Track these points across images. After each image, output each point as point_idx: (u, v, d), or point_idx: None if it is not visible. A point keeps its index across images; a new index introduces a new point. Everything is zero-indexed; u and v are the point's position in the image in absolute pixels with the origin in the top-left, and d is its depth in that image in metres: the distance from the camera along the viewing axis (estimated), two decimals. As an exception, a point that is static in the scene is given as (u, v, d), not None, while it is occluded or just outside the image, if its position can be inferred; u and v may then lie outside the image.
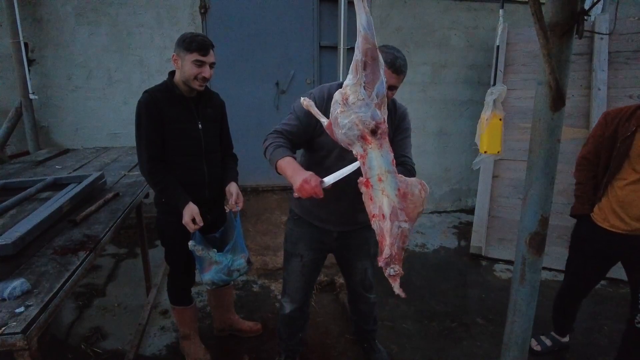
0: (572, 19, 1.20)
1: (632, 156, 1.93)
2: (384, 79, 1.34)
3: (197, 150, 1.99)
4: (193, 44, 1.83)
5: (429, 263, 3.66)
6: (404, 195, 1.32)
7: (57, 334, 2.52)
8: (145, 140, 1.88)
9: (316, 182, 1.43)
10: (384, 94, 1.35)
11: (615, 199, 2.01)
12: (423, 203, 1.36)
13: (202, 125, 1.99)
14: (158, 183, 1.92)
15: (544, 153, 1.35)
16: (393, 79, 1.62)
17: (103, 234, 1.73)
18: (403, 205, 1.32)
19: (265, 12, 4.10)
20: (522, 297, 1.50)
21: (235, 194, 2.03)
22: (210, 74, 1.91)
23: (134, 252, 3.59)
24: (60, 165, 2.98)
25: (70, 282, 1.34)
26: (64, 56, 3.79)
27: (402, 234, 1.31)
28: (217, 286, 2.09)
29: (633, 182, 1.95)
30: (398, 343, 2.54)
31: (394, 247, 1.30)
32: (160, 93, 1.91)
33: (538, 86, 1.32)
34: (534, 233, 1.42)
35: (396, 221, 1.30)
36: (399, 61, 1.61)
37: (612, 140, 2.00)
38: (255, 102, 4.30)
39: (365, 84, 1.31)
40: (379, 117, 1.33)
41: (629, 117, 1.96)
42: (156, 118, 1.87)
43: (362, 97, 1.31)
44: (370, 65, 1.29)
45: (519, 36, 3.91)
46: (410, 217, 1.33)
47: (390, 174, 1.33)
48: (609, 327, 2.68)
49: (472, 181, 4.79)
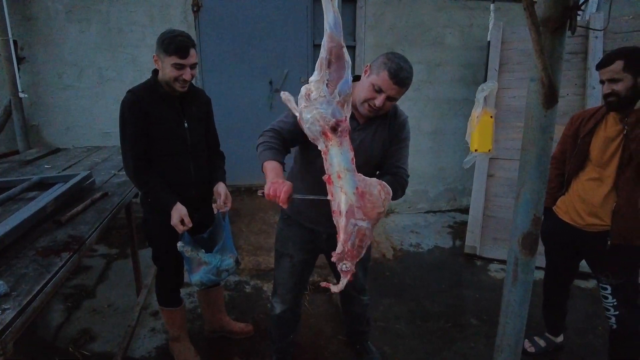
0: (564, 15, 1.18)
1: (591, 154, 2.00)
2: (349, 79, 1.32)
3: (183, 149, 1.95)
4: (171, 46, 1.75)
5: (423, 263, 3.64)
6: (362, 195, 1.34)
7: (45, 337, 2.48)
8: (130, 141, 1.84)
9: (284, 197, 1.35)
10: (348, 93, 1.33)
11: (576, 193, 2.08)
12: (383, 203, 1.37)
13: (187, 123, 1.95)
14: (145, 184, 1.88)
15: (536, 151, 1.32)
16: (393, 91, 1.53)
17: (88, 234, 1.69)
18: (360, 204, 1.34)
19: (259, 10, 4.07)
20: (514, 298, 1.47)
21: (223, 195, 2.00)
22: (190, 76, 1.83)
23: (125, 253, 3.54)
24: (50, 164, 2.94)
25: (51, 284, 1.30)
26: (55, 54, 3.74)
27: (358, 232, 1.35)
28: (206, 287, 2.06)
29: (592, 179, 2.00)
30: (391, 344, 2.51)
31: (347, 244, 1.35)
32: (144, 92, 1.86)
33: (531, 83, 1.30)
34: (526, 233, 1.39)
35: (352, 219, 1.34)
36: (404, 73, 1.51)
37: (574, 139, 2.08)
38: (248, 101, 4.27)
39: (329, 81, 1.31)
40: (340, 115, 1.33)
41: (590, 118, 2.03)
42: (141, 118, 1.82)
43: (323, 94, 1.32)
44: (335, 64, 1.30)
45: (514, 34, 3.89)
46: (369, 217, 1.36)
47: (349, 172, 1.34)
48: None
49: (467, 180, 4.77)
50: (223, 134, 2.35)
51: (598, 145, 1.97)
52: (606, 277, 2.01)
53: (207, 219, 2.10)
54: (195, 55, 1.83)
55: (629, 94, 1.80)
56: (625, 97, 1.81)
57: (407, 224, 4.47)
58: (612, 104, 1.86)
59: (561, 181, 2.19)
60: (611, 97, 1.84)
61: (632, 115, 1.82)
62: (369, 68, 1.59)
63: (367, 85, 1.57)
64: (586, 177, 2.04)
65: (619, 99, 1.82)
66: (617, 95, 1.82)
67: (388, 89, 1.52)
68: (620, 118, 1.89)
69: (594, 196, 1.99)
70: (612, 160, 1.93)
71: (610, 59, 1.82)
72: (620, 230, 1.91)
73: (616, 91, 1.81)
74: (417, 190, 4.78)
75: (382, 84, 1.52)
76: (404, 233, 4.24)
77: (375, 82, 1.54)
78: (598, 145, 1.97)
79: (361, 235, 1.36)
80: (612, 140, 1.92)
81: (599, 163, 1.97)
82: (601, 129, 1.97)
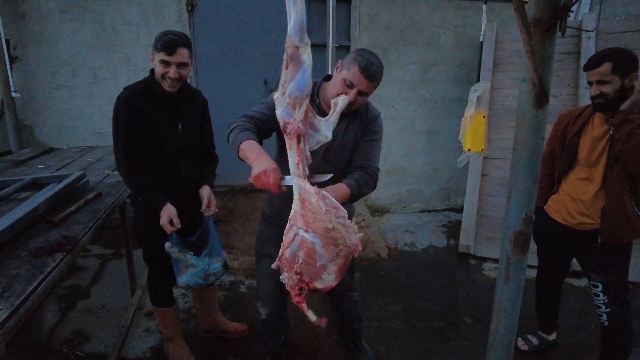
0: (555, 16, 1.19)
1: (580, 154, 2.02)
2: (303, 80, 1.29)
3: (175, 151, 1.94)
4: (159, 42, 1.76)
5: (417, 262, 3.65)
6: (303, 202, 1.29)
7: (38, 337, 2.47)
8: (123, 138, 1.83)
9: (275, 179, 1.31)
10: (300, 96, 1.30)
11: (566, 193, 2.10)
12: (328, 218, 1.24)
13: (181, 125, 1.94)
14: (135, 183, 1.88)
15: (528, 151, 1.33)
16: (364, 85, 1.55)
17: (82, 234, 1.68)
18: (302, 212, 1.29)
19: (253, 9, 4.06)
20: (506, 297, 1.48)
21: (206, 198, 1.98)
22: (176, 74, 1.80)
23: (119, 253, 3.53)
24: (43, 164, 2.92)
25: (44, 285, 1.30)
26: (48, 54, 3.72)
27: (302, 244, 1.29)
28: (192, 289, 2.05)
29: (582, 178, 2.03)
30: (385, 343, 2.52)
31: (285, 250, 1.32)
32: (140, 90, 1.86)
33: (522, 83, 1.31)
34: (518, 232, 1.40)
35: (294, 226, 1.31)
36: (374, 67, 1.54)
37: (562, 139, 2.10)
38: (243, 101, 4.25)
39: (284, 82, 1.30)
40: (288, 116, 1.31)
41: (577, 118, 2.05)
42: (135, 116, 1.82)
43: (277, 95, 1.32)
44: (290, 65, 1.28)
45: (507, 34, 3.92)
46: (313, 229, 1.27)
47: (295, 177, 1.32)
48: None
49: (461, 180, 4.79)
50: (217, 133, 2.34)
51: (586, 145, 1.99)
52: (597, 275, 2.04)
53: (197, 221, 2.08)
54: (185, 55, 1.81)
55: (617, 96, 1.82)
56: (613, 99, 1.83)
57: (402, 223, 4.49)
58: (600, 105, 1.88)
59: (551, 181, 2.21)
60: (599, 99, 1.86)
61: (617, 116, 1.84)
62: (340, 65, 1.62)
63: (338, 81, 1.59)
64: (576, 176, 2.06)
65: (607, 101, 1.84)
66: (605, 96, 1.84)
67: (359, 84, 1.54)
68: (606, 118, 1.92)
69: (584, 195, 2.01)
70: (600, 160, 1.95)
71: (598, 61, 1.83)
72: (609, 229, 1.94)
73: (604, 93, 1.83)
74: (411, 190, 4.80)
75: (353, 78, 1.54)
76: (398, 232, 4.26)
77: (346, 77, 1.56)
78: (586, 146, 1.99)
79: (306, 248, 1.29)
80: (599, 141, 1.95)
81: (587, 163, 2.00)
82: (588, 129, 2.00)
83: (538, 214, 2.21)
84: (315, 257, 1.29)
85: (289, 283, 1.34)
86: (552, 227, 2.17)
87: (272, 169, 1.32)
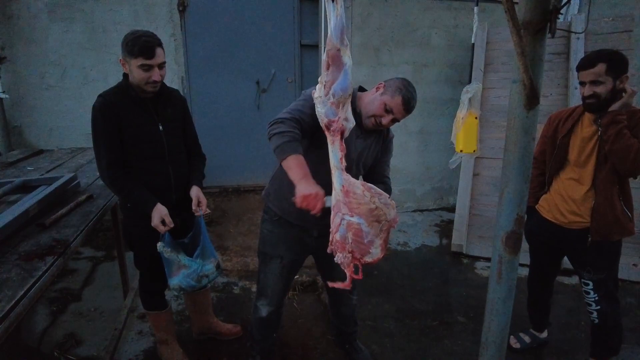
0: (545, 18, 1.20)
1: (570, 154, 2.05)
2: (345, 81, 1.38)
3: (160, 153, 1.91)
4: (135, 47, 1.69)
5: (410, 261, 3.67)
6: (347, 192, 1.44)
7: (29, 341, 2.44)
8: (103, 147, 1.79)
9: (323, 203, 1.40)
10: (343, 95, 1.39)
11: (557, 192, 2.13)
12: (372, 200, 1.43)
13: (162, 126, 1.90)
14: (122, 190, 1.84)
15: (519, 151, 1.34)
16: (401, 115, 1.68)
17: (73, 237, 1.67)
18: (346, 201, 1.44)
19: (245, 10, 4.06)
20: (499, 296, 1.49)
21: (195, 199, 1.96)
22: (160, 76, 1.78)
23: (111, 255, 3.49)
24: (33, 166, 2.89)
25: (34, 289, 1.29)
26: (37, 54, 3.68)
27: (349, 226, 1.45)
28: (185, 292, 2.03)
29: (572, 178, 2.06)
30: (379, 342, 2.53)
31: (335, 234, 1.47)
32: (115, 96, 1.81)
33: (513, 84, 1.32)
34: (510, 232, 1.41)
35: (339, 213, 1.45)
36: (413, 102, 1.68)
37: (553, 140, 2.13)
38: (235, 102, 4.25)
39: (326, 82, 1.39)
40: (333, 115, 1.42)
41: (567, 118, 2.08)
42: (113, 122, 1.78)
43: (320, 94, 1.41)
44: (332, 66, 1.37)
45: (499, 35, 3.95)
46: (357, 213, 1.44)
47: (338, 170, 1.45)
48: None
49: (453, 179, 4.82)
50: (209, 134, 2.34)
51: (576, 146, 2.02)
52: (588, 273, 2.06)
53: (189, 223, 2.05)
54: (162, 54, 1.78)
55: (608, 97, 1.84)
56: (605, 100, 1.85)
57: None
58: (592, 106, 1.90)
59: (542, 181, 2.24)
60: (591, 99, 1.88)
61: (606, 117, 1.86)
62: (383, 87, 1.69)
63: (378, 103, 1.67)
64: (566, 176, 2.09)
65: (599, 101, 1.86)
66: (597, 97, 1.85)
67: (398, 113, 1.66)
68: (595, 119, 1.94)
69: (574, 195, 2.04)
70: (589, 161, 1.98)
71: (592, 62, 1.85)
72: (599, 228, 1.97)
73: (597, 93, 1.85)
74: (404, 190, 4.82)
75: (395, 107, 1.65)
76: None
77: (388, 103, 1.65)
78: (576, 146, 2.02)
79: (353, 229, 1.44)
80: (588, 141, 1.98)
81: (577, 163, 2.03)
82: (578, 129, 2.02)
83: (529, 213, 2.23)
84: (362, 235, 1.45)
85: (344, 262, 1.49)
86: (543, 226, 2.20)
87: (321, 193, 1.41)
